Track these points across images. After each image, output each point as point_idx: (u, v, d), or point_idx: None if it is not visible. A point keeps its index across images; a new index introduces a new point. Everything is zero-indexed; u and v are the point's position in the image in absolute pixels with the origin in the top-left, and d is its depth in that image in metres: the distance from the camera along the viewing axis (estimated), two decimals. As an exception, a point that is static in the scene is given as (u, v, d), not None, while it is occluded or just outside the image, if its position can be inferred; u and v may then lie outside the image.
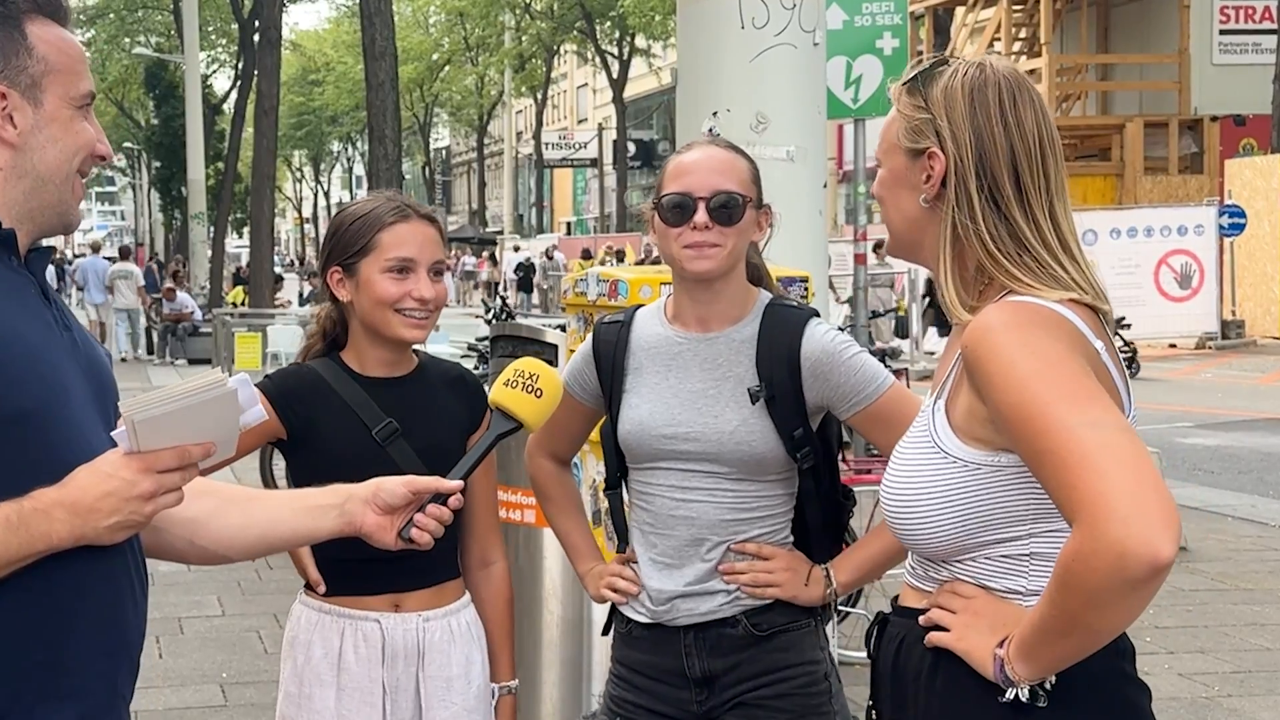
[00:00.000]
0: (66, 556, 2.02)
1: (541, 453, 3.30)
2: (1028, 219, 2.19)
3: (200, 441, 2.04)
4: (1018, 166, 2.20)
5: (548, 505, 3.34)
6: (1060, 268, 2.18)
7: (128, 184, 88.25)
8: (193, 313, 26.57)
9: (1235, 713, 6.27)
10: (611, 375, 3.10)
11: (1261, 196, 26.07)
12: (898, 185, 2.31)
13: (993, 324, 2.08)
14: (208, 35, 49.21)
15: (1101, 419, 1.96)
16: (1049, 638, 2.02)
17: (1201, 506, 10.83)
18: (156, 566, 8.73)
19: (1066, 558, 1.94)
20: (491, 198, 78.54)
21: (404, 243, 3.08)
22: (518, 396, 2.64)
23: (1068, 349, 2.06)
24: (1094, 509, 1.89)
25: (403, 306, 3.06)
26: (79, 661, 2.09)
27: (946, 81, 2.25)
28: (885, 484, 2.28)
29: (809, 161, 5.24)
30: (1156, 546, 1.86)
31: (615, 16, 52.76)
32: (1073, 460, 1.93)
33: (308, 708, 3.10)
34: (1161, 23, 33.35)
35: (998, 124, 2.21)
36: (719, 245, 2.94)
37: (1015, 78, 2.27)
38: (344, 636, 3.09)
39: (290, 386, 3.12)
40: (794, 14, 5.02)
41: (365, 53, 19.93)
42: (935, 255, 2.27)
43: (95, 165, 2.24)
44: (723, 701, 3.01)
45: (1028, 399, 1.99)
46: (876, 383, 2.98)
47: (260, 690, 6.56)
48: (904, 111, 2.29)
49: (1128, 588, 1.90)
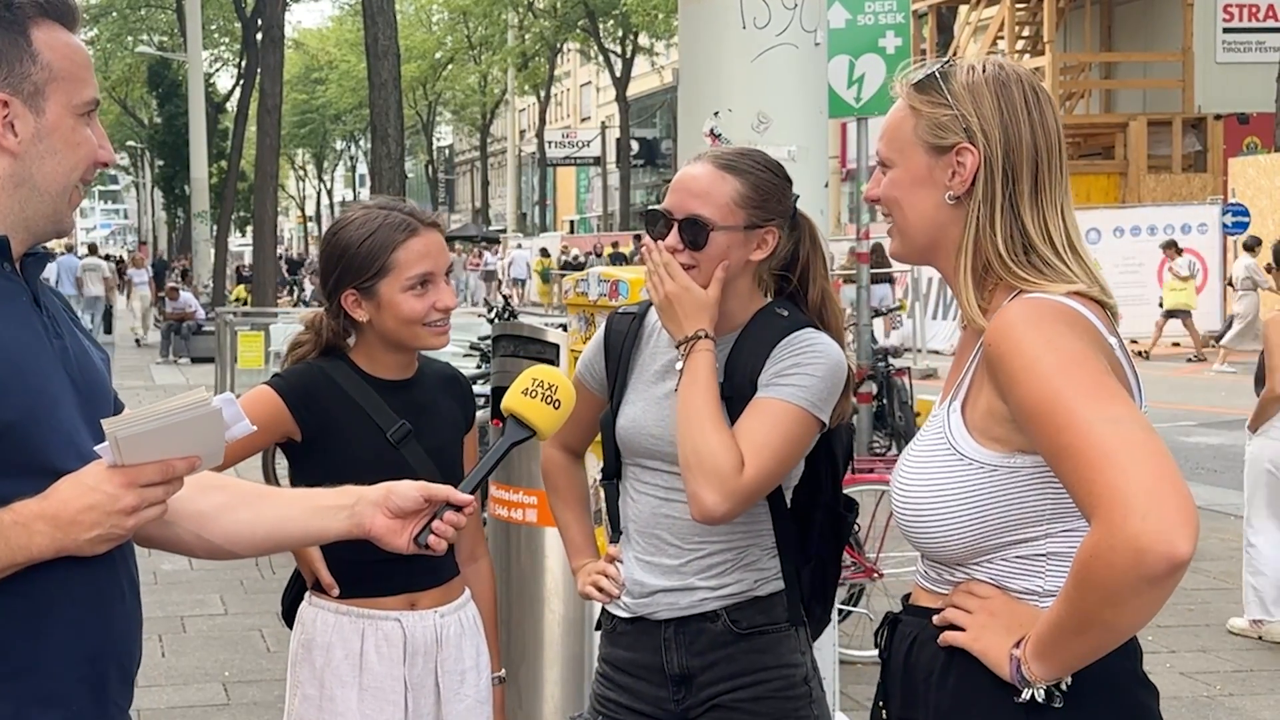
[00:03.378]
0: (46, 561, 2.01)
1: (554, 443, 3.29)
2: (1037, 218, 2.19)
3: (185, 456, 2.03)
4: (1038, 164, 2.20)
5: (553, 496, 3.35)
6: (1067, 267, 2.18)
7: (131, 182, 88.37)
8: (195, 311, 26.60)
9: (1236, 711, 6.28)
10: (618, 367, 3.11)
11: (1265, 195, 26.02)
12: (917, 185, 2.26)
13: (1015, 320, 2.08)
14: (211, 33, 49.25)
15: (1123, 416, 1.96)
16: (1066, 636, 2.02)
17: (1205, 505, 10.82)
18: (159, 565, 8.78)
19: (1084, 554, 1.94)
20: (495, 196, 78.57)
21: (422, 258, 3.09)
22: (536, 407, 2.62)
23: (1089, 345, 2.06)
24: (1112, 505, 1.89)
25: (430, 320, 3.09)
26: (59, 666, 2.07)
27: (967, 77, 2.24)
28: (898, 489, 2.26)
29: (810, 161, 5.23)
30: (1174, 543, 1.86)
31: (618, 15, 52.75)
32: (1093, 456, 1.93)
33: (330, 709, 3.12)
34: (1165, 21, 33.34)
35: (1024, 120, 2.21)
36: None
37: (1033, 76, 2.27)
38: (365, 637, 3.12)
39: (305, 387, 3.13)
40: (795, 14, 5.01)
41: (368, 51, 19.92)
42: (954, 255, 2.24)
43: (98, 170, 2.22)
44: (699, 701, 3.01)
45: (1050, 395, 1.99)
46: (786, 388, 2.86)
47: (262, 689, 6.58)
48: (921, 108, 2.25)
49: (1145, 584, 1.89)
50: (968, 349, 2.27)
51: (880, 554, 6.87)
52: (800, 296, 3.07)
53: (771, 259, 3.01)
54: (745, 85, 5.00)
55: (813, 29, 5.06)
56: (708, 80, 5.03)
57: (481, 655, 3.25)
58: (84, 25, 13.98)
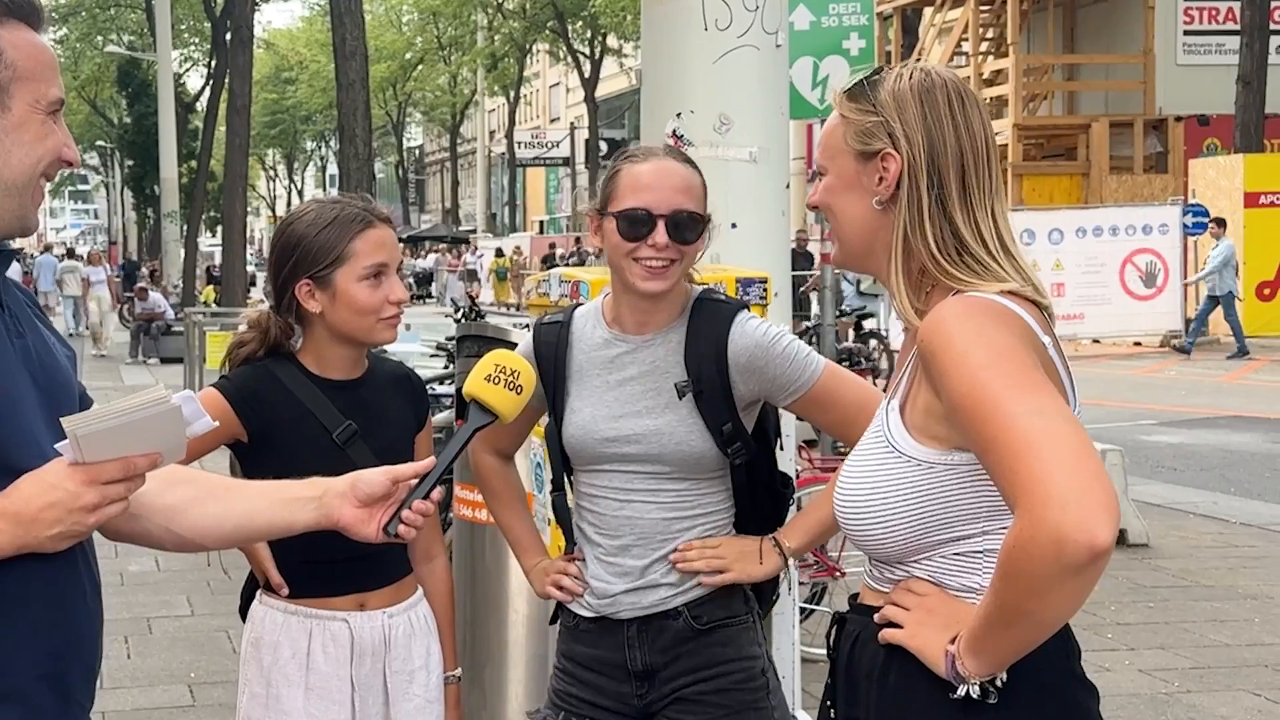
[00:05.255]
0: (7, 559, 2.01)
1: (485, 448, 3.30)
2: (969, 220, 2.21)
3: (146, 453, 2.03)
4: (965, 167, 2.23)
5: (492, 500, 3.37)
6: (1000, 268, 2.20)
7: (101, 183, 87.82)
8: (164, 312, 26.52)
9: (1195, 708, 6.32)
10: (554, 377, 3.11)
11: (1225, 196, 26.25)
12: (847, 190, 2.31)
13: (946, 316, 2.11)
14: (180, 33, 49.05)
15: (1047, 408, 1.97)
16: (994, 630, 2.03)
17: (1164, 503, 10.91)
18: (126, 567, 8.76)
19: (1008, 546, 1.96)
20: (464, 197, 78.44)
21: (377, 249, 3.10)
22: (499, 392, 2.62)
23: (1018, 340, 2.08)
24: (1033, 495, 1.91)
25: (383, 313, 3.10)
26: (20, 663, 2.06)
27: (893, 84, 2.27)
28: (839, 487, 2.29)
29: (772, 162, 5.27)
30: (1094, 532, 1.87)
31: (587, 16, 52.79)
32: (1017, 446, 1.94)
33: (275, 708, 3.12)
34: (1127, 23, 33.52)
35: (948, 125, 2.24)
36: (676, 262, 2.96)
37: (959, 82, 2.30)
38: (312, 637, 3.12)
39: (249, 388, 3.13)
40: (757, 16, 5.05)
41: (336, 52, 19.91)
42: (887, 260, 2.27)
43: (61, 170, 2.22)
44: (662, 695, 3.05)
45: (977, 387, 2.01)
46: (810, 369, 3.00)
47: (228, 690, 6.52)
48: (850, 116, 2.30)
49: (1066, 573, 1.90)
50: (909, 350, 2.30)
51: (843, 553, 6.90)
52: None
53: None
54: (707, 87, 5.03)
55: (774, 31, 5.10)
56: (670, 82, 5.06)
57: (432, 655, 3.25)
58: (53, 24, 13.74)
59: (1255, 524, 10.33)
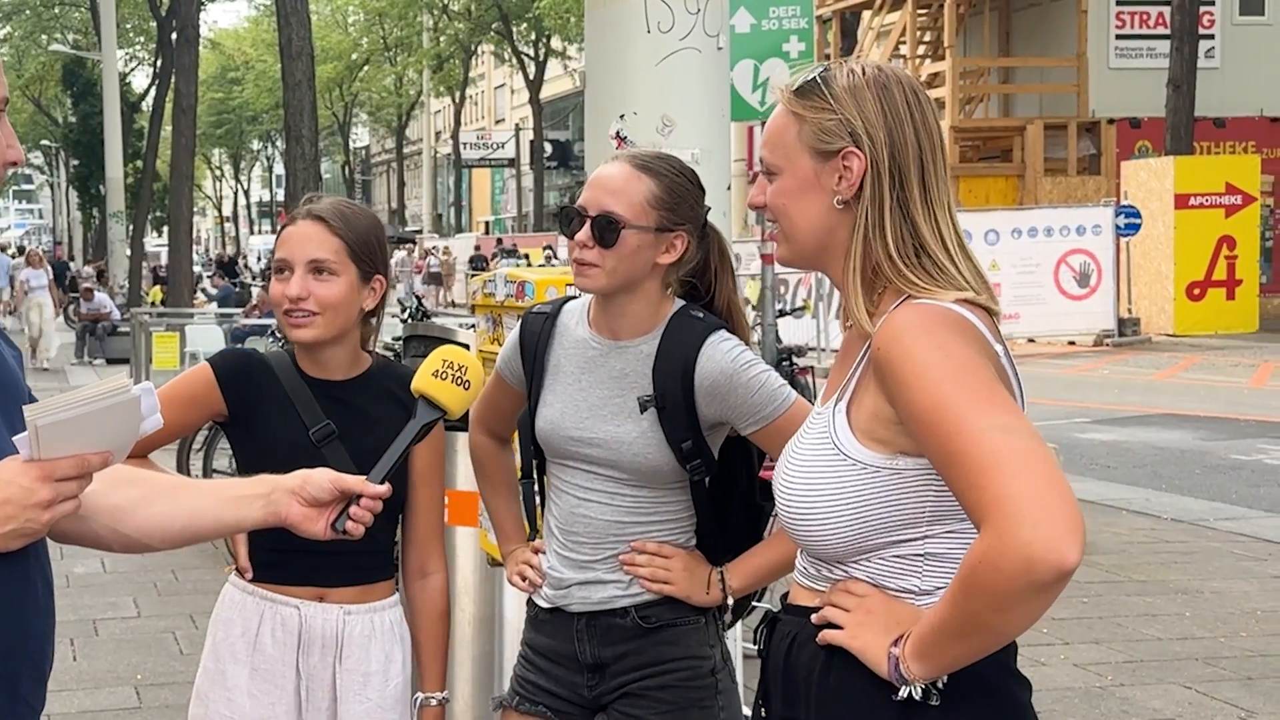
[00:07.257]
0: None
1: (481, 428, 3.34)
2: (929, 219, 2.19)
3: (99, 450, 2.01)
4: (924, 165, 2.20)
5: (482, 481, 3.39)
6: (957, 270, 2.18)
7: (45, 182, 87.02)
8: (110, 312, 26.31)
9: (1127, 701, 6.40)
10: (534, 366, 3.13)
11: (1156, 197, 26.61)
12: (804, 191, 2.25)
13: (905, 326, 2.08)
14: (125, 32, 48.69)
15: (1013, 425, 1.97)
16: (948, 638, 2.03)
17: (1097, 500, 11.01)
18: (71, 569, 8.74)
19: (972, 560, 1.95)
20: (411, 197, 78.22)
21: (282, 243, 3.15)
22: (446, 388, 2.63)
23: (978, 353, 2.07)
24: (1003, 512, 1.90)
25: (285, 308, 3.12)
26: None
27: (848, 80, 2.22)
28: (780, 486, 2.27)
29: (713, 164, 5.32)
30: (1063, 552, 1.87)
31: (532, 18, 52.75)
32: (984, 463, 1.93)
33: (220, 683, 3.16)
34: (1060, 27, 33.74)
35: (907, 122, 2.20)
36: (598, 265, 2.94)
37: (912, 78, 2.26)
38: (263, 619, 3.14)
39: (238, 368, 3.18)
40: (698, 19, 5.11)
41: (282, 52, 19.81)
42: (843, 259, 2.24)
43: (6, 170, 2.20)
44: (611, 689, 3.10)
45: (941, 401, 1.99)
46: (776, 402, 2.96)
47: (175, 692, 6.50)
48: (805, 114, 2.24)
49: (1033, 591, 1.91)
50: (852, 350, 2.27)
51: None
52: (709, 307, 3.11)
53: (680, 265, 3.04)
54: (650, 89, 5.09)
55: (715, 33, 5.16)
56: (614, 83, 5.11)
57: (393, 662, 3.20)
58: (-4, 24, 13.40)
59: (1185, 520, 10.47)
